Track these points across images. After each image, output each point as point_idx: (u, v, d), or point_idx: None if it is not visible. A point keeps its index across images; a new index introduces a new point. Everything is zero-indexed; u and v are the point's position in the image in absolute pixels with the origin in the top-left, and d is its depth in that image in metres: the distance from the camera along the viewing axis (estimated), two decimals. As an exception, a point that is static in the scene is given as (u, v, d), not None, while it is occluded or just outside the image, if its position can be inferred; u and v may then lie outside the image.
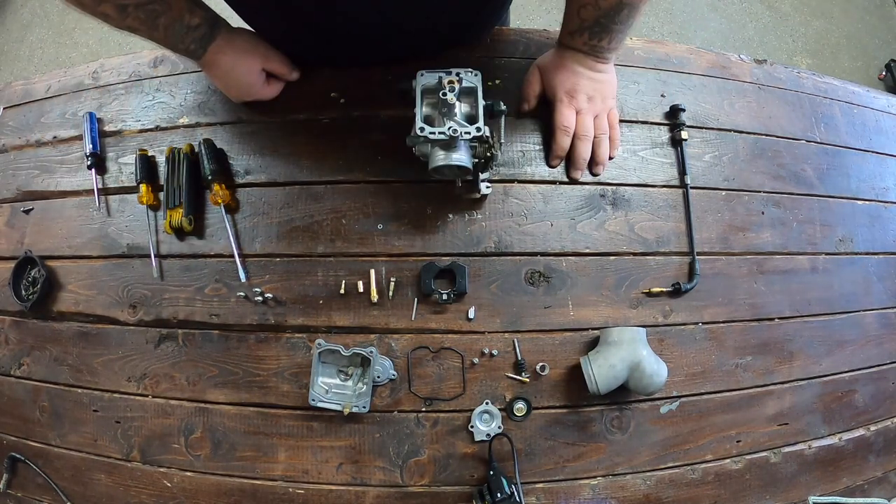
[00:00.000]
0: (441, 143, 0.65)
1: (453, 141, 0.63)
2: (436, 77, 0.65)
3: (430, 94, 0.66)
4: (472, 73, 0.66)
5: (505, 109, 0.67)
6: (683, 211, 0.81)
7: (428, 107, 0.67)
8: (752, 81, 0.90)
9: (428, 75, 0.66)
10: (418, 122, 0.64)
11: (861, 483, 0.83)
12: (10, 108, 0.94)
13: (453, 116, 0.64)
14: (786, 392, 0.80)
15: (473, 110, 0.66)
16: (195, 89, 0.85)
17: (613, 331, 0.72)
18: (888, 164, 0.94)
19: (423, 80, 0.66)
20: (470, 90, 0.66)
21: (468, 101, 0.67)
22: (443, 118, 0.65)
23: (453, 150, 0.65)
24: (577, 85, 0.75)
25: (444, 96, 0.63)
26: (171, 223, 0.77)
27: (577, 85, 0.75)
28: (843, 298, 0.85)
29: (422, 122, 0.64)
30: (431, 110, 0.67)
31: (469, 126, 0.63)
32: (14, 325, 0.84)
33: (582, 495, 0.74)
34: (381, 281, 0.75)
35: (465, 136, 0.63)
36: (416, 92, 0.66)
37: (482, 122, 0.65)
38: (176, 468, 0.76)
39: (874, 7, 2.49)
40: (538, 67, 0.78)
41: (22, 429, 0.82)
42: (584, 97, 0.76)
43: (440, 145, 0.65)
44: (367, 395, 0.71)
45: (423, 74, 0.66)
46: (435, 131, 0.63)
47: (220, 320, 0.77)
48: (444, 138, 0.63)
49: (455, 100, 0.63)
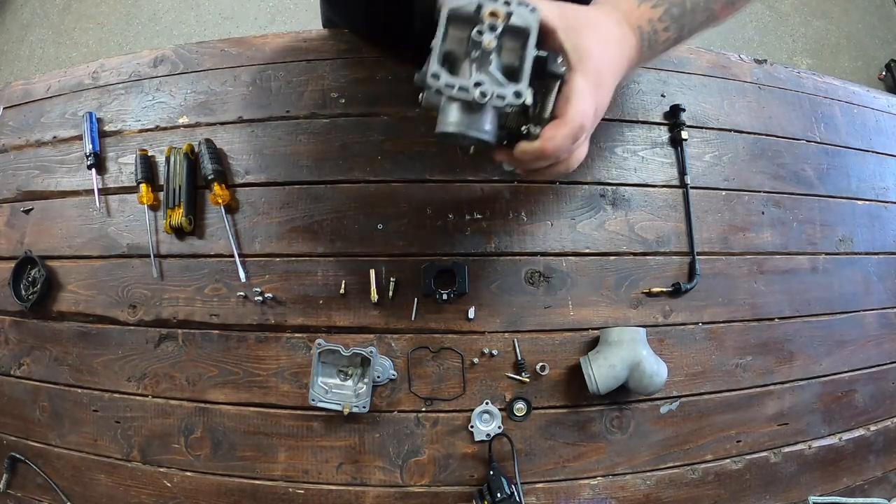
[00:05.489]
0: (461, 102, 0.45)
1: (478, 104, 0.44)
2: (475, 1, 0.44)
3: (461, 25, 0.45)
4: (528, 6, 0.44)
5: (563, 72, 0.47)
6: (683, 211, 0.81)
7: (454, 41, 0.46)
8: (752, 81, 0.89)
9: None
10: (433, 62, 0.44)
11: (861, 483, 0.83)
12: (10, 108, 0.94)
13: (487, 65, 0.45)
14: (786, 392, 0.80)
15: (517, 62, 0.46)
16: (195, 89, 0.85)
17: (613, 331, 0.72)
18: (888, 164, 0.94)
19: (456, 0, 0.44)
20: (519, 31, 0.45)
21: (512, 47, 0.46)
22: (471, 64, 0.45)
23: (475, 115, 0.45)
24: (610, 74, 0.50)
25: (479, 35, 0.43)
26: (170, 223, 0.77)
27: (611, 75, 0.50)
28: (843, 298, 0.85)
29: (438, 65, 0.44)
30: (458, 46, 0.46)
31: (506, 86, 0.44)
32: (14, 325, 0.84)
33: (582, 495, 0.74)
34: (381, 281, 0.75)
35: (497, 101, 0.44)
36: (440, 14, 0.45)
37: (526, 83, 0.44)
38: (176, 468, 0.76)
39: (874, 7, 2.49)
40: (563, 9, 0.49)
41: (22, 429, 0.82)
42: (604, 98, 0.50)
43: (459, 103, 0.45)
44: (367, 395, 0.71)
45: None
46: (455, 84, 0.43)
47: (220, 320, 0.77)
48: (467, 97, 0.43)
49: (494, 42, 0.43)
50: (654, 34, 0.53)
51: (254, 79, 0.83)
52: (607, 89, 0.50)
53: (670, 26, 0.53)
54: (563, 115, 0.46)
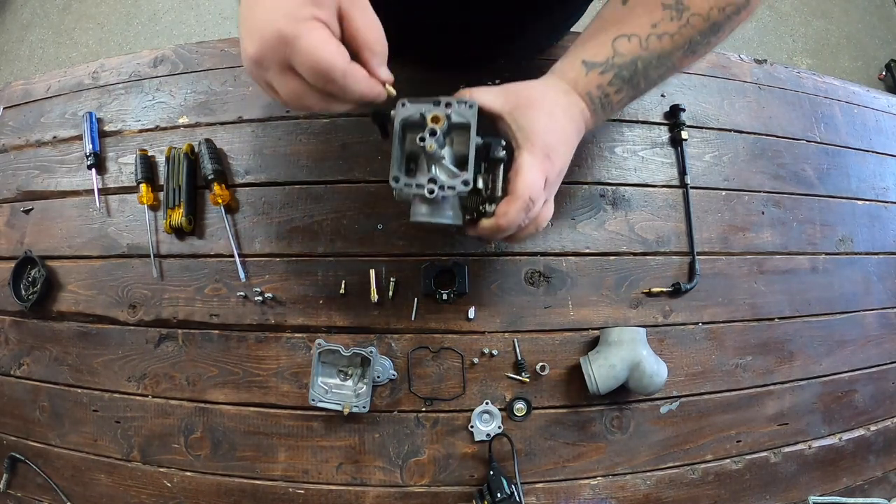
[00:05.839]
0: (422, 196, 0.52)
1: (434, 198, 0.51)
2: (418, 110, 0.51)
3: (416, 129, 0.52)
4: (467, 104, 0.51)
5: (504, 156, 0.53)
6: (683, 211, 0.81)
7: (412, 143, 0.52)
8: (752, 81, 0.90)
9: (410, 106, 0.51)
10: (393, 166, 0.51)
11: (861, 483, 0.83)
12: (10, 108, 0.94)
13: (440, 160, 0.52)
14: (786, 392, 0.80)
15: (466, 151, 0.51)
16: (195, 89, 0.85)
17: (613, 331, 0.72)
18: (888, 164, 0.94)
19: (404, 112, 0.51)
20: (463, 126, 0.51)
21: (461, 139, 0.53)
22: (426, 162, 0.52)
23: (437, 204, 0.53)
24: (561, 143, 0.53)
25: (421, 142, 0.49)
26: (170, 223, 0.77)
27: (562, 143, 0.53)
28: (843, 298, 0.85)
29: (397, 169, 0.51)
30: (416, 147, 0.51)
31: (456, 177, 0.51)
32: (14, 325, 0.84)
33: (582, 495, 0.74)
34: (381, 281, 0.75)
35: (448, 192, 0.50)
36: (394, 128, 0.52)
37: (472, 172, 0.51)
38: (176, 468, 0.76)
39: (874, 7, 2.49)
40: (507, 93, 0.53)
41: (22, 429, 0.82)
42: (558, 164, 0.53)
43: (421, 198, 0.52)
44: (367, 395, 0.71)
45: (404, 105, 0.51)
46: (412, 183, 0.50)
47: (220, 320, 0.77)
48: (423, 192, 0.50)
49: (436, 147, 0.49)
50: (606, 97, 0.54)
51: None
52: (561, 156, 0.53)
53: (622, 88, 0.54)
54: (512, 192, 0.51)
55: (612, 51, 0.52)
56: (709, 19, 0.52)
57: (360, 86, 0.42)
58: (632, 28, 0.52)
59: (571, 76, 0.54)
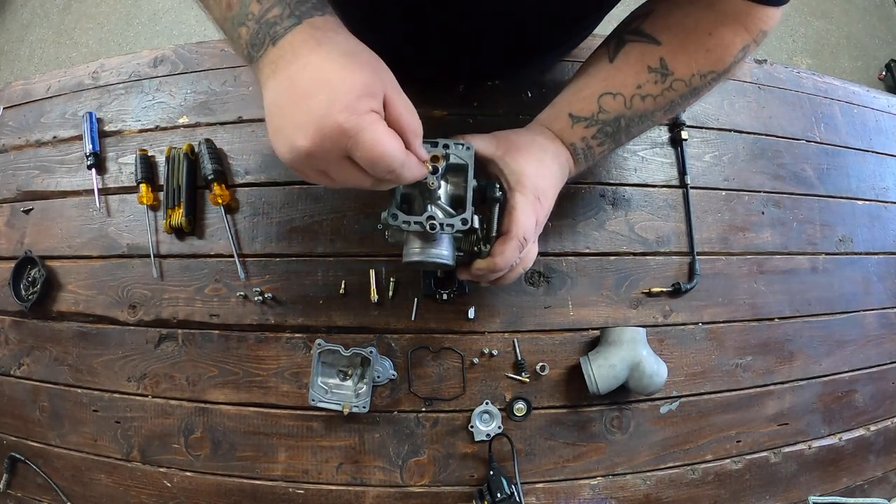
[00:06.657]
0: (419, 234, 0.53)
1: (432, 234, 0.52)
2: None
3: None
4: (464, 146, 0.53)
5: (500, 197, 0.54)
6: (683, 211, 0.81)
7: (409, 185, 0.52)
8: (752, 81, 0.90)
9: None
10: (392, 205, 0.52)
11: (861, 483, 0.83)
12: (10, 108, 0.94)
13: (436, 200, 0.52)
14: (786, 392, 0.80)
15: (462, 192, 0.53)
16: (195, 89, 0.85)
17: (613, 331, 0.72)
18: (888, 164, 0.94)
19: None
20: (460, 167, 0.53)
21: (457, 181, 0.54)
22: (424, 201, 0.53)
23: (433, 243, 0.53)
24: (549, 187, 0.56)
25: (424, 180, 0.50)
26: (170, 223, 0.77)
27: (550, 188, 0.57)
28: (843, 298, 0.85)
29: (395, 207, 0.52)
30: (412, 189, 0.53)
31: (454, 216, 0.52)
32: (14, 325, 0.84)
33: (582, 495, 0.74)
34: (381, 281, 0.75)
35: (447, 229, 0.51)
36: None
37: (469, 210, 0.52)
38: (176, 468, 0.76)
39: (874, 7, 2.49)
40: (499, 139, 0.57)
41: (22, 429, 0.82)
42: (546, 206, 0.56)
43: (418, 235, 0.53)
44: (367, 396, 0.71)
45: None
46: (410, 220, 0.51)
47: (220, 320, 0.77)
48: (421, 229, 0.51)
49: (437, 183, 0.51)
50: (589, 149, 0.58)
51: (254, 79, 0.83)
52: (549, 199, 0.56)
53: (605, 142, 0.57)
54: (507, 231, 0.53)
55: (598, 107, 0.55)
56: (690, 85, 0.55)
57: (414, 172, 0.45)
58: (617, 87, 0.55)
59: (557, 127, 0.58)
